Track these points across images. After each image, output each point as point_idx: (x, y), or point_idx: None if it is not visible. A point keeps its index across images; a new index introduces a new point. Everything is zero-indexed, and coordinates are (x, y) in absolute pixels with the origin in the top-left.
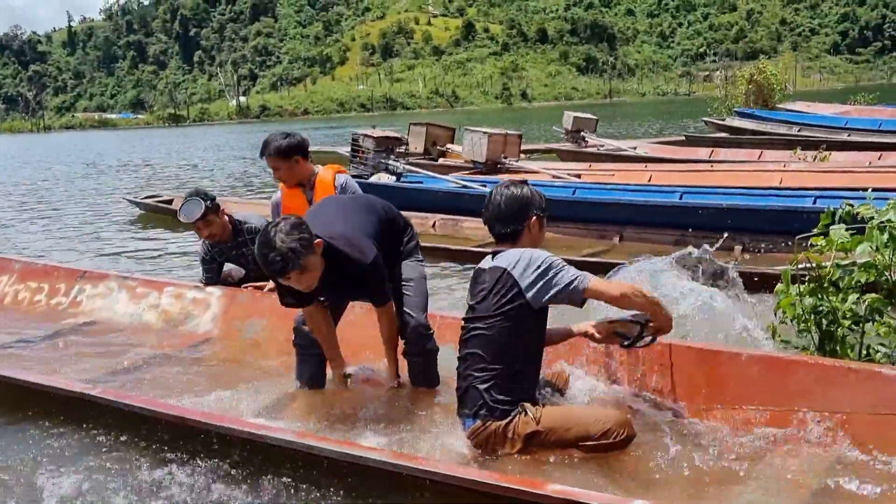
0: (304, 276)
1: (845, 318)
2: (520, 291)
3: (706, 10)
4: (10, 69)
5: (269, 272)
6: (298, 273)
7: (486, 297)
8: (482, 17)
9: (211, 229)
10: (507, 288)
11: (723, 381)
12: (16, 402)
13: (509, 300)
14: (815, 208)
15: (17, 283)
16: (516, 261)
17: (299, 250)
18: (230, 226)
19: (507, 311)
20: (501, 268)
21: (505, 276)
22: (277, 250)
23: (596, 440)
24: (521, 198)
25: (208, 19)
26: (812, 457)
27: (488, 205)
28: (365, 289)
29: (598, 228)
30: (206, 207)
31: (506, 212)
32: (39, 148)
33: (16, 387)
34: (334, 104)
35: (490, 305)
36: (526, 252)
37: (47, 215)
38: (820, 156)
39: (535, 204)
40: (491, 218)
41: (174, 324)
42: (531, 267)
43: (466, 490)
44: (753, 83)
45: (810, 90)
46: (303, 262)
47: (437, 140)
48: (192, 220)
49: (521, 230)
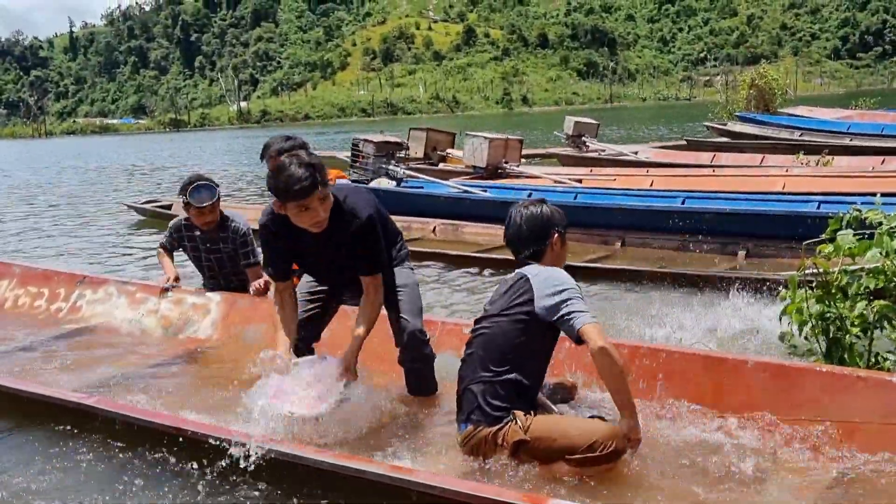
0: (325, 202)
1: (853, 325)
2: (531, 299)
3: (707, 15)
4: (12, 74)
5: (295, 192)
6: (321, 194)
7: (498, 299)
8: (483, 23)
9: (213, 216)
10: (521, 293)
11: (729, 389)
12: (14, 410)
13: (519, 304)
14: (819, 213)
15: (17, 288)
16: (539, 273)
17: (322, 171)
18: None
19: (514, 314)
20: (523, 274)
21: (523, 281)
22: (306, 166)
23: (581, 453)
24: (541, 217)
25: (209, 24)
26: (820, 466)
27: (509, 225)
28: (359, 250)
29: (600, 234)
30: (218, 194)
31: (527, 232)
32: (40, 153)
33: (13, 396)
34: (335, 109)
35: (500, 305)
36: (551, 270)
37: (46, 220)
38: (823, 160)
39: (555, 222)
40: (513, 239)
41: (174, 329)
42: (551, 283)
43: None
44: (755, 87)
45: (811, 95)
46: (323, 182)
47: (438, 145)
48: (204, 205)
49: (543, 249)
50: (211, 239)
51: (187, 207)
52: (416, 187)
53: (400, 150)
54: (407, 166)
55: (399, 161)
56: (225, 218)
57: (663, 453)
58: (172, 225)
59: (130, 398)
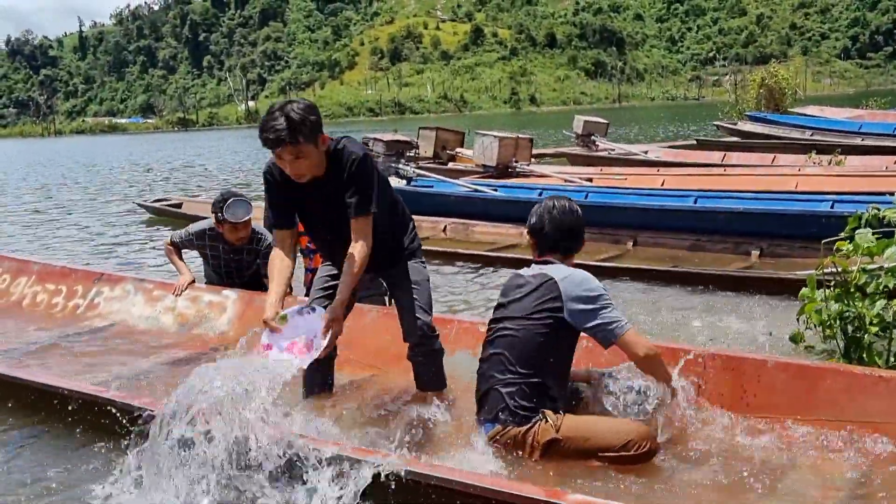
0: (298, 161)
1: (872, 324)
2: (561, 305)
3: (716, 14)
4: (22, 73)
5: (264, 139)
6: (292, 150)
7: (522, 299)
8: (491, 22)
9: (246, 232)
10: (550, 297)
11: (748, 389)
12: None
13: (548, 308)
14: (833, 212)
15: (35, 285)
16: (567, 276)
17: (304, 128)
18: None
19: (542, 318)
20: (549, 276)
21: (551, 283)
22: (285, 116)
23: (616, 452)
24: (579, 217)
25: (218, 24)
26: (841, 466)
27: (544, 215)
28: (352, 190)
29: (611, 233)
30: (251, 211)
31: (567, 229)
32: (49, 152)
33: (30, 388)
34: (343, 109)
35: (526, 307)
36: (579, 273)
37: (57, 218)
38: (835, 160)
39: (583, 222)
40: (550, 232)
41: (189, 327)
42: (581, 288)
43: (483, 498)
44: (765, 87)
45: (821, 95)
46: (302, 141)
47: (447, 144)
48: (240, 222)
49: (577, 248)
50: (236, 249)
51: (221, 224)
52: (426, 186)
53: (409, 149)
54: (417, 165)
55: (409, 160)
56: (255, 232)
57: (683, 453)
58: (195, 231)
59: (145, 393)
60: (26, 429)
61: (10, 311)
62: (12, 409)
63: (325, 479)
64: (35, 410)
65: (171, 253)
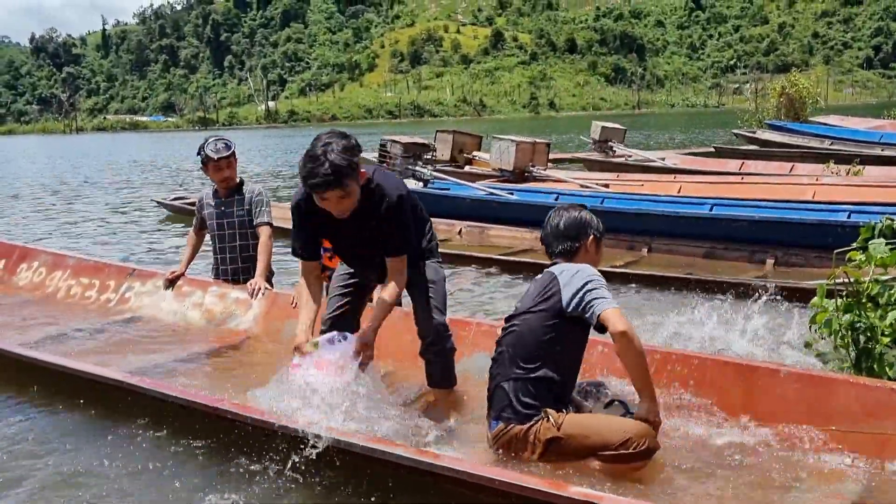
0: (344, 200)
1: (884, 335)
2: (559, 295)
3: (737, 22)
4: (45, 71)
5: (311, 184)
6: (340, 192)
7: (528, 295)
8: (511, 27)
9: (230, 172)
10: (550, 291)
11: (760, 398)
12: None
13: (547, 299)
14: (850, 222)
15: (70, 279)
16: (565, 269)
17: (348, 170)
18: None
19: (543, 310)
20: (552, 273)
21: (552, 279)
22: (330, 164)
23: (615, 450)
24: (579, 219)
25: (239, 24)
26: (851, 477)
27: (547, 224)
28: (387, 230)
29: (626, 239)
30: (233, 149)
31: (563, 231)
32: (72, 149)
33: (60, 373)
34: (362, 110)
35: (529, 302)
36: (579, 264)
37: (79, 214)
38: (853, 170)
39: (592, 225)
40: (549, 236)
41: (216, 322)
42: (576, 276)
43: (486, 489)
44: (785, 96)
45: (842, 104)
46: (348, 183)
47: (464, 148)
48: (220, 156)
49: (577, 248)
50: (227, 202)
51: (206, 164)
52: (442, 189)
53: (427, 152)
54: (434, 168)
55: (426, 163)
56: (242, 182)
57: (693, 459)
58: (200, 196)
59: (173, 382)
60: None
61: (45, 303)
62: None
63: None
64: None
65: (188, 242)
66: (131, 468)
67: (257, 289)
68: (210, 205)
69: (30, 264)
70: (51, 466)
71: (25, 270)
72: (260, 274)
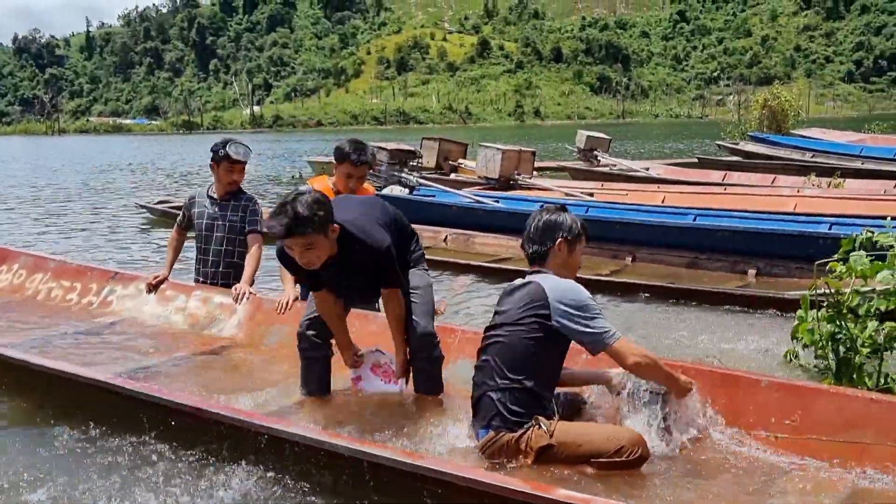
0: (307, 251)
1: (864, 345)
2: (548, 313)
3: (721, 34)
4: (28, 72)
5: (270, 229)
6: (302, 244)
7: (512, 306)
8: (497, 35)
9: (239, 177)
10: (537, 304)
11: (741, 406)
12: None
13: (536, 315)
14: (830, 234)
15: (50, 281)
16: (554, 284)
17: (313, 222)
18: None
19: (529, 323)
20: (539, 284)
21: (539, 291)
22: (293, 211)
23: (608, 457)
24: (550, 221)
25: (225, 28)
26: (830, 486)
27: (525, 233)
28: (377, 273)
29: (610, 248)
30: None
31: (532, 234)
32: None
33: (40, 374)
34: (347, 116)
35: (514, 315)
36: (568, 282)
37: (61, 217)
38: (834, 182)
39: (563, 228)
40: (524, 238)
41: (199, 327)
42: (569, 296)
43: (475, 492)
44: (767, 108)
45: (823, 118)
46: (310, 234)
47: (450, 155)
48: (241, 160)
49: (546, 251)
50: (222, 205)
51: (219, 162)
52: (428, 196)
53: (413, 159)
54: (420, 175)
55: (412, 169)
56: (241, 189)
57: (673, 467)
58: (193, 193)
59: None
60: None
61: (24, 305)
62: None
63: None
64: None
65: (169, 244)
66: (112, 470)
67: (241, 293)
68: (202, 205)
69: (10, 266)
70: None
71: (5, 272)
72: (245, 280)
